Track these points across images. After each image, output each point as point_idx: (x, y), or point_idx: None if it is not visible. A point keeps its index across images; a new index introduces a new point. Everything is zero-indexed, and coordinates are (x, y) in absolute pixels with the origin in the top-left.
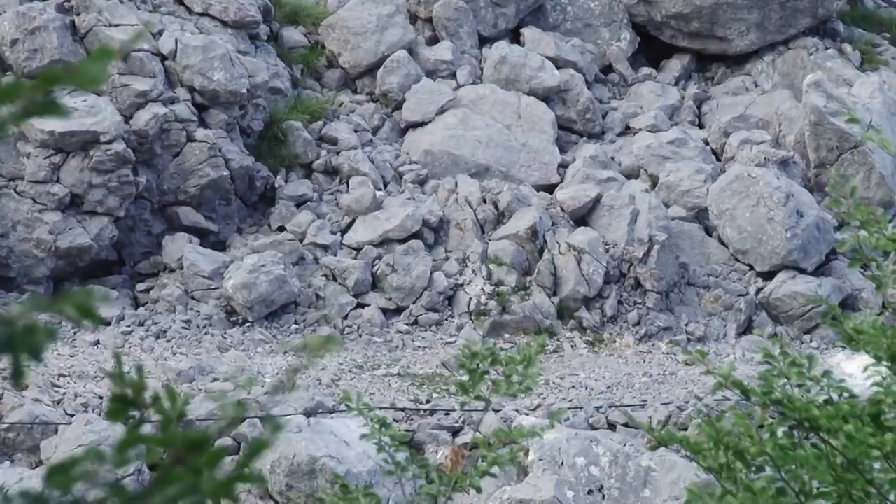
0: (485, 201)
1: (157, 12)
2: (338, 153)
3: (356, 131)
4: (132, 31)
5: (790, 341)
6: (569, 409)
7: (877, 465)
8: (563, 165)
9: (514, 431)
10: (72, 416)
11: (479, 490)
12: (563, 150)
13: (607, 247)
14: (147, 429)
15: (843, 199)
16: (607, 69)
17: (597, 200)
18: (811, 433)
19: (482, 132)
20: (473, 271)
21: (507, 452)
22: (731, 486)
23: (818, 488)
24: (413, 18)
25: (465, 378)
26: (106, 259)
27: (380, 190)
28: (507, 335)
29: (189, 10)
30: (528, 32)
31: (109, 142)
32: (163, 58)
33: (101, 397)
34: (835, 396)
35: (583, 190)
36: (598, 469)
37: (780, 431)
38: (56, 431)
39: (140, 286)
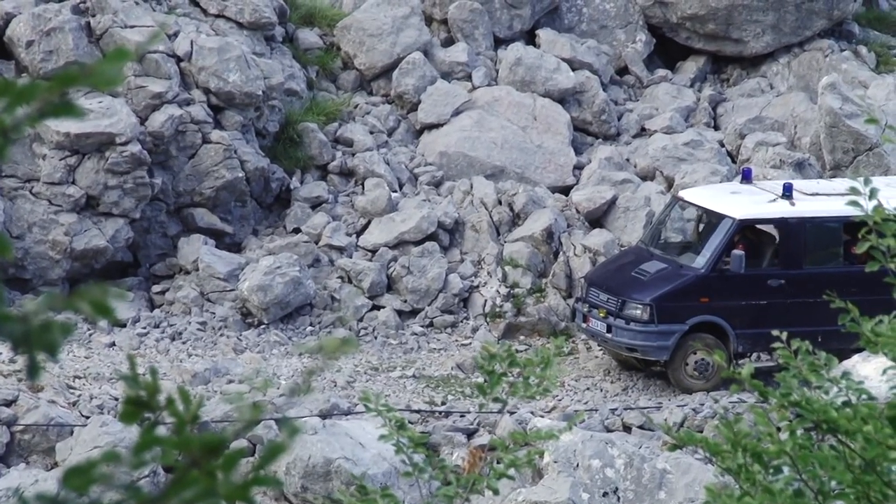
0: (500, 203)
1: (173, 14)
2: (353, 155)
3: (371, 133)
4: (148, 32)
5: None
6: (584, 411)
7: (895, 468)
8: (579, 167)
9: (530, 434)
10: (87, 417)
11: (496, 492)
12: (578, 152)
13: (623, 248)
14: (161, 431)
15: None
16: (623, 71)
17: (612, 202)
18: (829, 435)
19: (497, 134)
20: (489, 273)
21: (525, 455)
22: (749, 487)
23: (836, 489)
24: (428, 20)
25: (482, 380)
26: (121, 261)
27: (395, 192)
28: (521, 337)
29: (204, 12)
30: (544, 34)
31: (125, 143)
32: (178, 59)
33: (116, 399)
34: (853, 398)
35: (598, 192)
36: (613, 471)
37: (798, 432)
38: (71, 433)
39: (156, 288)
